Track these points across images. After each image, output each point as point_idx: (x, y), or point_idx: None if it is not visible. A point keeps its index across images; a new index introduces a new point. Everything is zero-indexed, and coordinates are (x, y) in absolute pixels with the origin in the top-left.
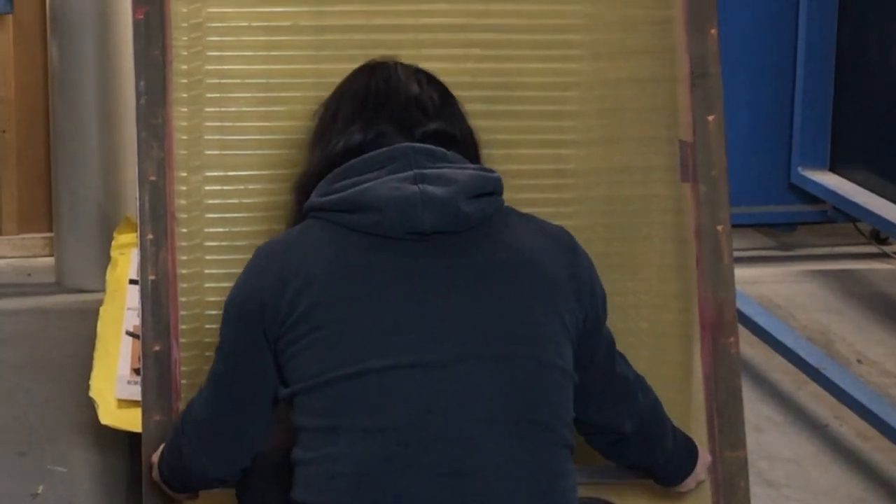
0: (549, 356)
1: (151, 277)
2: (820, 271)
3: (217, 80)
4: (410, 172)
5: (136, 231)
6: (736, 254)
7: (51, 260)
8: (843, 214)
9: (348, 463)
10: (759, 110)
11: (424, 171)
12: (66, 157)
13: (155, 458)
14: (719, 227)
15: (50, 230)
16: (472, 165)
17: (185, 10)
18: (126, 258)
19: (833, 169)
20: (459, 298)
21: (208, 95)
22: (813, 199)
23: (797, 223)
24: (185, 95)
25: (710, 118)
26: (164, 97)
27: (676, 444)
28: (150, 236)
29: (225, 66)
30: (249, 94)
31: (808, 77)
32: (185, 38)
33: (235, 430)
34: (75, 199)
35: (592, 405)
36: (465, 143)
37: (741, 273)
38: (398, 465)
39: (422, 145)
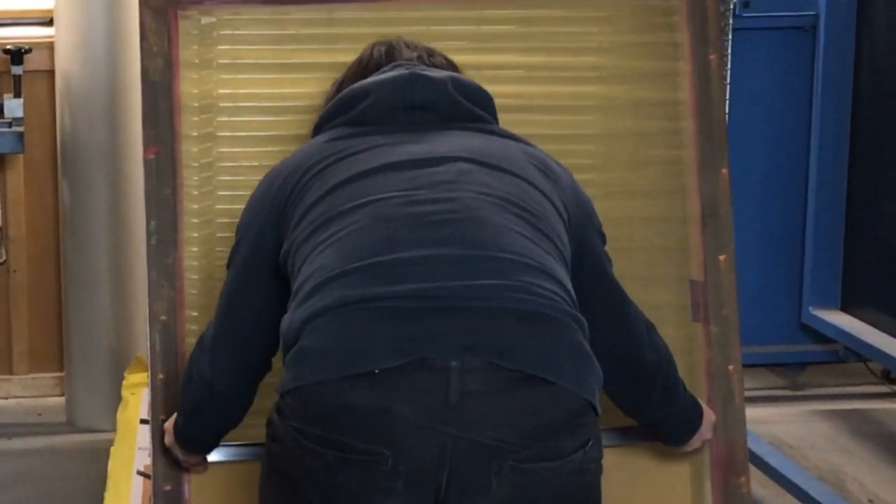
0: (542, 188)
1: (162, 417)
2: (831, 411)
3: (228, 220)
4: (406, 67)
5: (147, 371)
6: (747, 393)
7: (61, 399)
8: (854, 354)
9: (339, 234)
10: (770, 250)
11: (419, 66)
12: (77, 296)
13: (169, 424)
14: (730, 367)
15: (61, 370)
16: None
17: (195, 149)
18: (137, 398)
19: (844, 309)
20: (452, 138)
21: (219, 235)
22: (824, 339)
23: (808, 363)
24: (196, 235)
25: (721, 258)
26: (176, 237)
27: (687, 395)
28: (161, 376)
29: (236, 206)
30: None
31: (818, 217)
32: (197, 178)
33: (240, 338)
34: (86, 338)
35: (611, 330)
36: None
37: (752, 413)
38: (387, 219)
39: (417, 63)
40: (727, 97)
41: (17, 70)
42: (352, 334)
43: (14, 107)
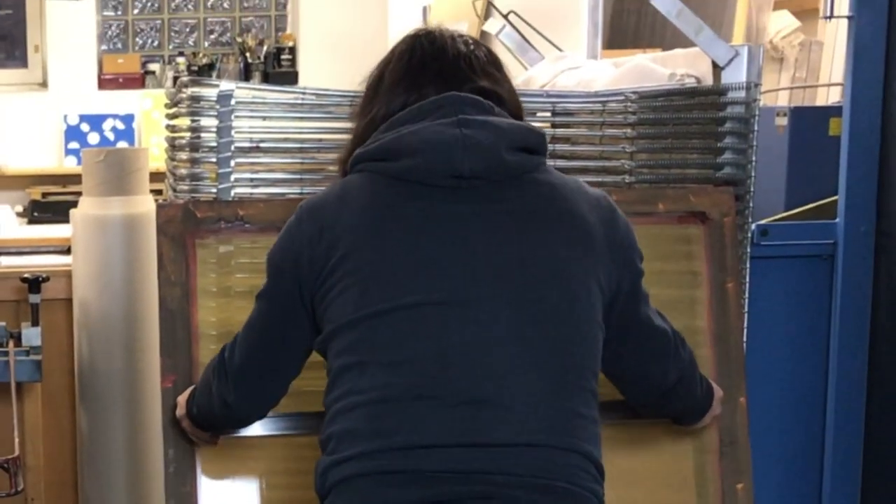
0: (579, 304)
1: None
2: None
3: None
4: (455, 118)
5: None
6: None
7: None
8: None
9: (370, 394)
10: (787, 477)
11: (469, 117)
12: None
13: (182, 399)
14: None
15: None
16: (519, 121)
17: None
18: None
19: None
20: (492, 241)
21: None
22: None
23: None
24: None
25: (739, 486)
26: (193, 466)
27: (703, 388)
28: None
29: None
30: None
31: (836, 444)
32: None
33: (263, 375)
34: None
35: (638, 365)
36: (511, 103)
37: None
38: (417, 395)
39: (469, 95)
40: (745, 325)
41: (34, 298)
42: (379, 499)
43: (32, 335)
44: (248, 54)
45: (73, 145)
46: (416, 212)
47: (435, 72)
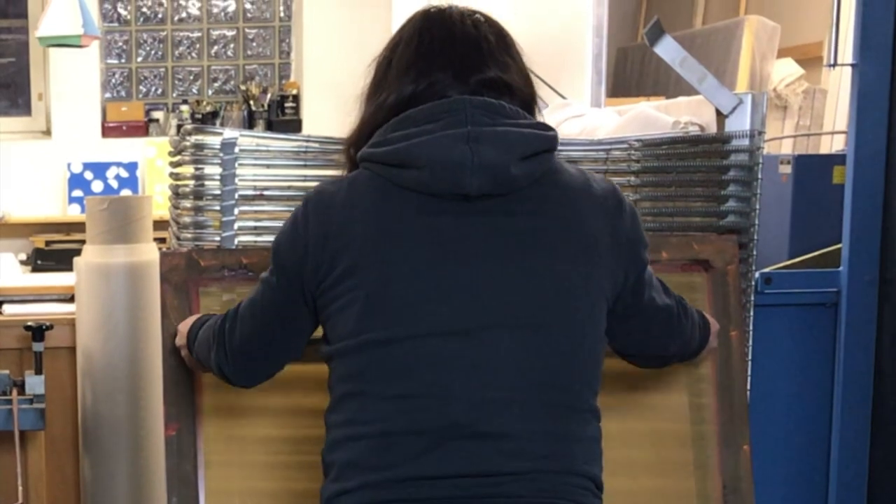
0: (581, 324)
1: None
2: None
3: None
4: (465, 130)
5: None
6: None
7: None
8: None
9: (372, 426)
10: None
11: (480, 128)
12: None
13: (184, 327)
14: None
15: None
16: (529, 121)
17: (216, 425)
18: None
19: None
20: (496, 264)
21: None
22: None
23: None
24: None
25: None
26: None
27: (702, 332)
28: None
29: (257, 483)
30: None
31: (840, 493)
32: (217, 454)
33: (261, 356)
34: None
35: (641, 342)
36: (521, 91)
37: None
38: (419, 430)
39: (480, 98)
40: (749, 373)
41: (38, 347)
42: None
43: (35, 384)
44: (251, 102)
45: (77, 193)
46: (421, 228)
47: (445, 59)
